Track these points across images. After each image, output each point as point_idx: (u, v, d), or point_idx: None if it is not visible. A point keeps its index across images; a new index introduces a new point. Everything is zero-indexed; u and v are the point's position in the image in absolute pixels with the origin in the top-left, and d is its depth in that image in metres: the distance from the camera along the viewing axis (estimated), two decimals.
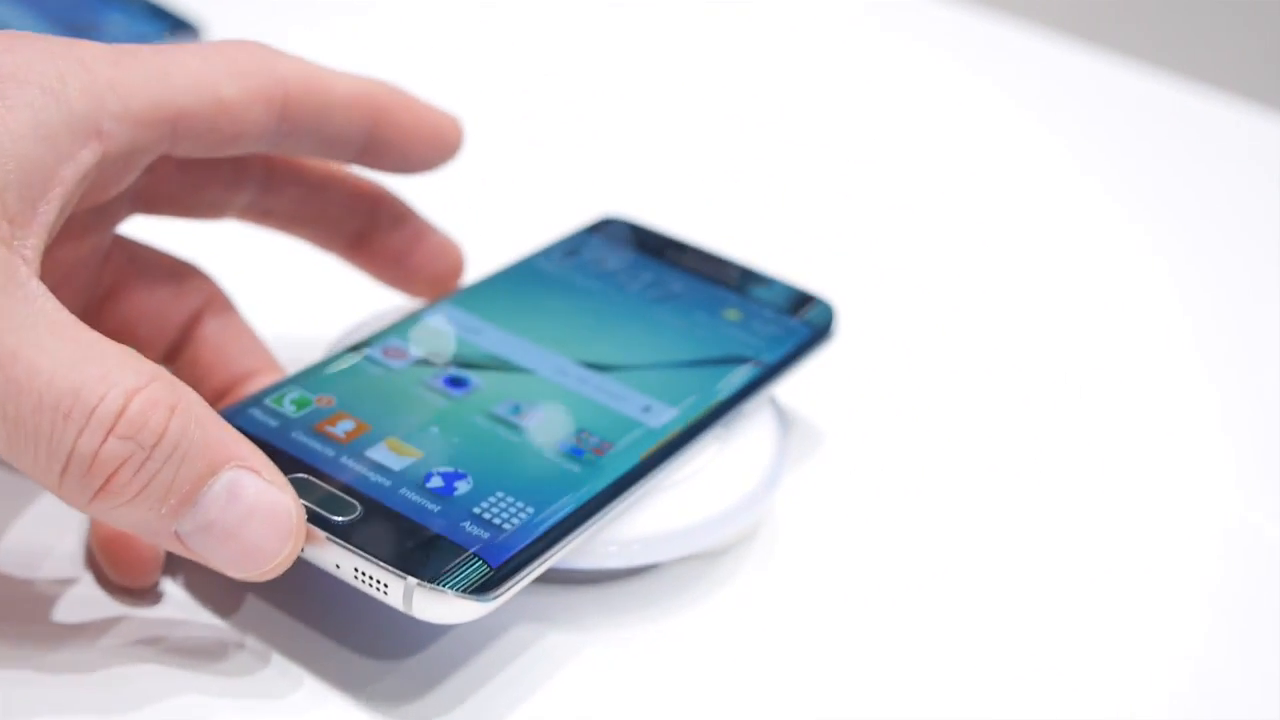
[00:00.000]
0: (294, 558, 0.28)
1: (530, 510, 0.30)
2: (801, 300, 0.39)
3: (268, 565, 0.27)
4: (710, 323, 0.38)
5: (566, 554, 0.30)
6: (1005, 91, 0.65)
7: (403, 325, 0.36)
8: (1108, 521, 0.38)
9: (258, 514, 0.27)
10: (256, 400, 0.32)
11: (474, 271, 0.39)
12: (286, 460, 0.30)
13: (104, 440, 0.25)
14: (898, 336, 0.46)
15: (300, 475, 0.30)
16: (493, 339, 0.36)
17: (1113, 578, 0.36)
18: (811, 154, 0.58)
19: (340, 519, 0.29)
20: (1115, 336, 0.47)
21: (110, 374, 0.26)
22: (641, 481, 0.32)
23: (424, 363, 0.34)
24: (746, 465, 0.34)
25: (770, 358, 0.37)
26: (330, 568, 0.29)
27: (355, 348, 0.35)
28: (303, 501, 0.29)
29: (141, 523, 0.27)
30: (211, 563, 0.27)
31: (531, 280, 0.39)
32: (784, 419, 0.37)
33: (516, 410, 0.33)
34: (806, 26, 0.69)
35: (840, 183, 0.56)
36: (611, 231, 0.42)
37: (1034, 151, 0.60)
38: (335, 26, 0.60)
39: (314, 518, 0.29)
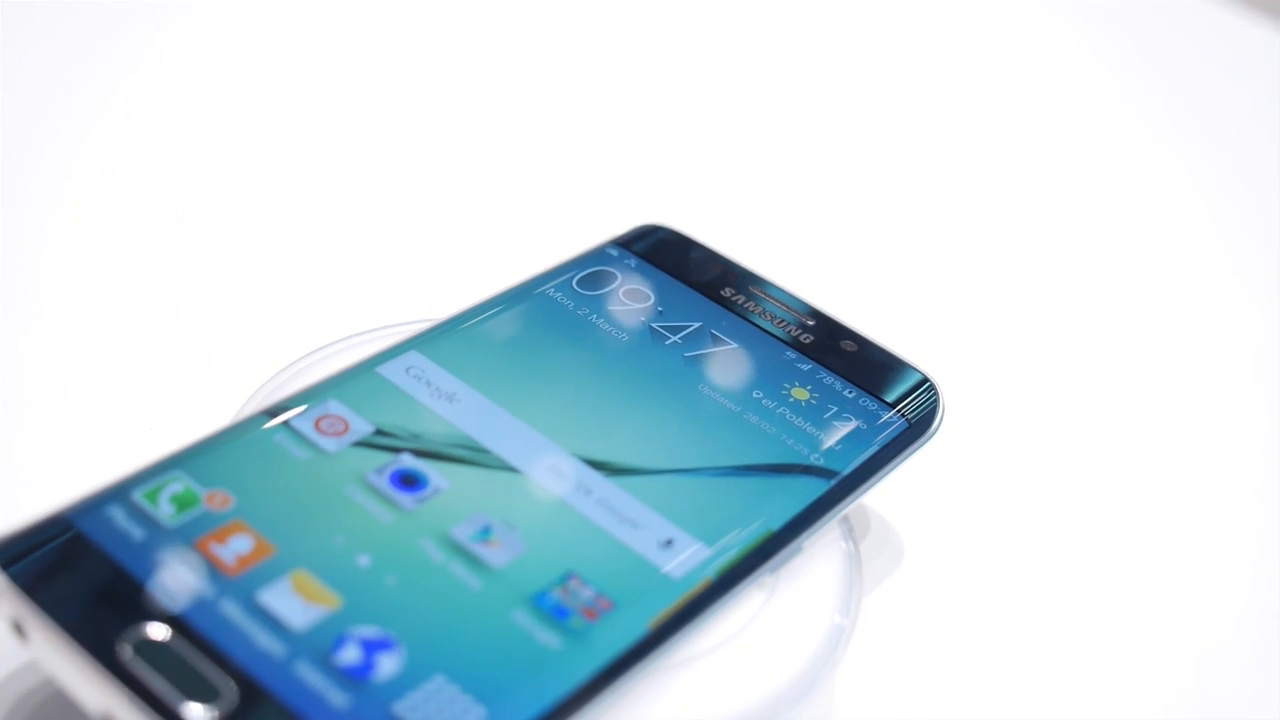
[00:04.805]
0: None
1: (479, 713, 0.21)
2: (897, 377, 0.29)
3: None
4: (771, 405, 0.28)
5: None
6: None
7: (346, 381, 0.26)
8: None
9: None
10: (121, 491, 0.23)
11: (463, 294, 0.29)
12: (139, 599, 0.21)
13: None
14: (1005, 420, 0.35)
15: (152, 632, 0.21)
16: (469, 410, 0.26)
17: None
18: (903, 166, 0.47)
19: (200, 712, 0.20)
20: None
21: None
22: (647, 660, 0.23)
23: (369, 444, 0.25)
24: (799, 630, 0.25)
25: (846, 465, 0.27)
26: None
27: (277, 411, 0.25)
28: (150, 676, 0.20)
29: None
30: None
31: (532, 319, 0.29)
32: (854, 547, 0.27)
33: (485, 534, 0.24)
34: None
35: (938, 208, 0.45)
36: (652, 247, 0.31)
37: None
38: (332, 19, 0.49)
39: (162, 708, 0.20)
